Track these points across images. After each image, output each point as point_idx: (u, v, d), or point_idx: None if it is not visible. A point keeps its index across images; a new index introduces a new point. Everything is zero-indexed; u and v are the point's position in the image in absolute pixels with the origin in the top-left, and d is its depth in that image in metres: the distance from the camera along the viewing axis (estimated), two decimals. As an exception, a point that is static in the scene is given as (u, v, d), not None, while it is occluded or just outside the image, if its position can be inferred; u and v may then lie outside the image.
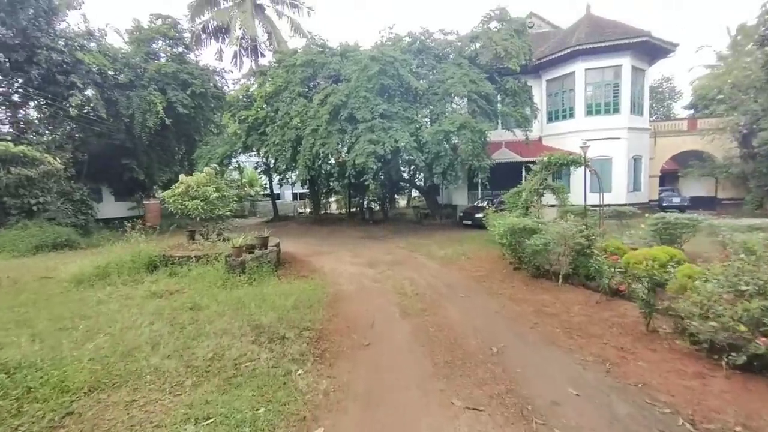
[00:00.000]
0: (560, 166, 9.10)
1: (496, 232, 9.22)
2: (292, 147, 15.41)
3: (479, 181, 14.83)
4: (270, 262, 8.72)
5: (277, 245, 10.07)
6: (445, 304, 6.09)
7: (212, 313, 5.43)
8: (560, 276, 6.75)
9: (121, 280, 7.38)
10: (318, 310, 5.71)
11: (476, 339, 4.48)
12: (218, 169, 11.14)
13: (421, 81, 14.10)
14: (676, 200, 21.81)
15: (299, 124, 15.12)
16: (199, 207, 9.54)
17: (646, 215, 8.88)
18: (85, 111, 16.12)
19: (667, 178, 25.73)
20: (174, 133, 23.29)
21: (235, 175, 36.08)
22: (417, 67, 15.22)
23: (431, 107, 14.45)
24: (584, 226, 6.56)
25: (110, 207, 23.27)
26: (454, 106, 14.89)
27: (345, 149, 13.89)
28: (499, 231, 8.66)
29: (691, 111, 31.16)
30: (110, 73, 17.14)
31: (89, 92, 16.23)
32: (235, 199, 11.10)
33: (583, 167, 9.61)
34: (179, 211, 9.89)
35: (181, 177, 10.09)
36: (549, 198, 18.41)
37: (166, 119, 17.51)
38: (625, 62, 18.43)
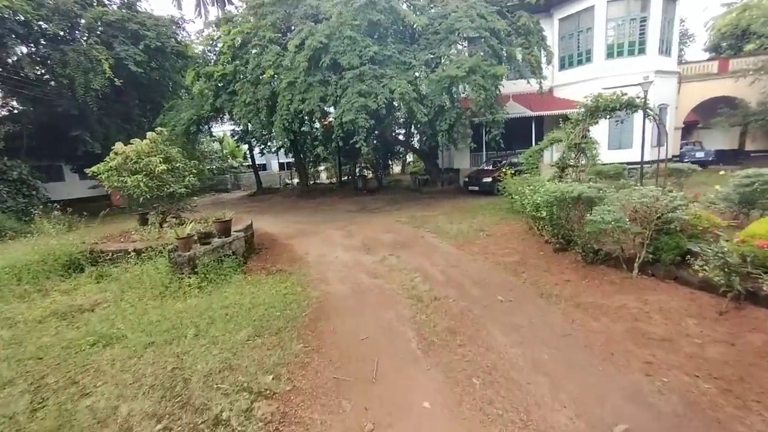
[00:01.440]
0: (611, 111, 6.91)
1: (526, 201, 7.18)
2: (266, 106, 12.88)
3: (487, 140, 12.52)
4: (235, 253, 6.64)
5: (247, 228, 7.94)
6: (481, 317, 4.11)
7: (121, 355, 3.40)
8: (635, 264, 4.77)
9: (17, 292, 5.27)
10: (290, 341, 3.70)
11: (563, 407, 2.52)
12: (166, 134, 8.69)
13: (419, 17, 11.40)
14: (700, 154, 19.76)
15: (273, 78, 12.51)
16: (141, 184, 7.28)
17: (722, 172, 6.84)
18: (5, 69, 13.20)
19: (683, 131, 23.55)
20: (137, 99, 20.41)
21: (216, 145, 33.32)
22: (413, -1, 12.42)
23: (431, 52, 11.84)
24: (677, 194, 4.49)
25: (74, 187, 20.75)
26: (459, 47, 12.27)
27: (329, 105, 11.40)
28: (535, 201, 6.60)
29: (709, 54, 28.42)
30: (41, 24, 14.01)
31: (15, 49, 13.21)
32: (194, 171, 8.79)
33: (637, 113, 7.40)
34: (117, 189, 7.67)
35: (118, 145, 7.74)
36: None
37: (116, 80, 14.62)
38: (656, -11, 15.61)
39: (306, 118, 15.73)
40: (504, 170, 10.57)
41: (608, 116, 7.14)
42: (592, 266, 5.43)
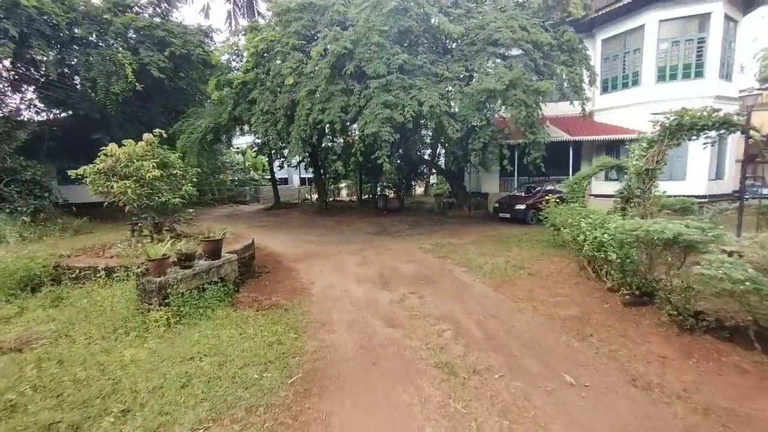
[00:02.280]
0: (700, 131, 5.50)
1: (581, 237, 5.75)
2: (285, 116, 12.08)
3: (526, 163, 11.08)
4: (224, 279, 5.50)
5: (245, 249, 6.82)
6: (549, 416, 2.71)
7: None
8: (773, 342, 3.27)
9: (-52, 317, 4.25)
10: (257, 440, 2.42)
11: None
12: (156, 142, 7.65)
13: (455, 26, 10.41)
14: (765, 191, 17.63)
15: (293, 87, 11.74)
16: (129, 190, 6.34)
17: None
18: (26, 69, 13.03)
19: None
20: (162, 106, 20.35)
21: (239, 157, 33.26)
22: (449, 6, 11.46)
23: (465, 64, 10.76)
24: None
25: (97, 190, 20.58)
26: (498, 60, 11.15)
27: (351, 117, 10.38)
28: (598, 239, 5.18)
29: (759, 85, 26.30)
30: (73, 27, 13.93)
31: (41, 50, 13.05)
32: (194, 179, 7.86)
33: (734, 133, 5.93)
34: (104, 195, 6.79)
35: (110, 146, 6.91)
36: (599, 186, 14.61)
37: (137, 85, 14.27)
38: (716, 8, 14.18)
39: (327, 130, 14.93)
40: (547, 198, 9.15)
41: (694, 137, 5.72)
42: (691, 335, 3.93)
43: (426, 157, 18.62)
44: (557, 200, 9.35)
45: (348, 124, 12.05)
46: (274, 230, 13.22)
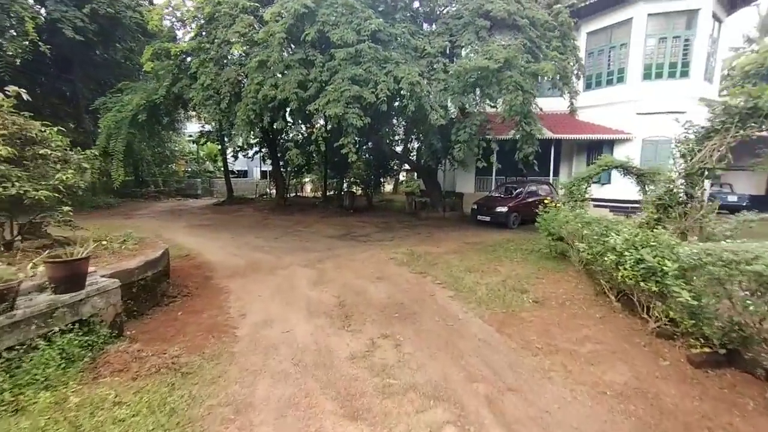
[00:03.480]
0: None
1: (611, 258, 4.21)
2: (231, 92, 9.85)
3: (517, 159, 9.55)
4: (91, 321, 3.41)
5: (148, 266, 4.70)
6: None
7: None
8: None
9: None
10: None
11: None
12: (10, 105, 5.28)
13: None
14: (732, 198, 17.48)
15: (242, 57, 9.56)
16: (-53, 178, 4.02)
17: None
18: None
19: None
20: (92, 80, 17.22)
21: (192, 147, 29.81)
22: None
23: (451, 39, 9.07)
24: None
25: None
26: (487, 38, 9.52)
27: (310, 93, 8.34)
28: (650, 265, 3.64)
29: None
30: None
31: None
32: (83, 165, 5.55)
33: None
34: None
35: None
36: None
37: (42, 45, 11.35)
38: (705, 5, 13.48)
39: (287, 116, 12.77)
40: (544, 200, 7.69)
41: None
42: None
43: (398, 149, 16.84)
44: (556, 204, 7.93)
45: (307, 104, 9.98)
46: (216, 231, 10.94)
